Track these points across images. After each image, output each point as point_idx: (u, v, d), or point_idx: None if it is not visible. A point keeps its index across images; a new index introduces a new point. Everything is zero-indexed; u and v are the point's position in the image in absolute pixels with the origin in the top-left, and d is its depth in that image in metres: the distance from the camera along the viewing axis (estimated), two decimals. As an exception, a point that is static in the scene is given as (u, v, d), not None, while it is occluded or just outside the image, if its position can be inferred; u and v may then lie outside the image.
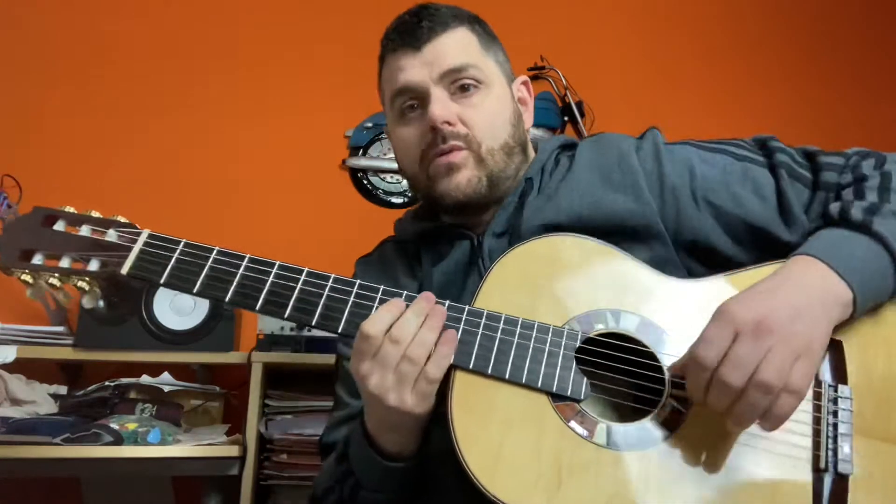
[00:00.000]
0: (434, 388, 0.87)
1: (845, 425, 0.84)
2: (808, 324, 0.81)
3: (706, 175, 1.02)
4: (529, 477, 0.82)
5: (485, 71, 1.06)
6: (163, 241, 0.95)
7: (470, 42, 1.07)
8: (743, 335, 0.78)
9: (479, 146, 1.04)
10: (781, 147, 1.04)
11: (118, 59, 2.50)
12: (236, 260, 0.94)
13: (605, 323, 0.90)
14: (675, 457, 0.84)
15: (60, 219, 0.96)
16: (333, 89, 2.56)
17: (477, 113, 1.04)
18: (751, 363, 0.77)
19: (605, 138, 1.10)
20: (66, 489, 2.07)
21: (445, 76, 1.03)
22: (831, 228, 0.92)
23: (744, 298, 0.82)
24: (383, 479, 0.94)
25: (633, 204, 1.00)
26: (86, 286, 0.94)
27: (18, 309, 2.17)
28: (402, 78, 1.05)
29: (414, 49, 1.04)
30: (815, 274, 0.85)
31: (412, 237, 1.14)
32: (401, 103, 1.07)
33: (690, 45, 2.84)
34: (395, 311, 0.87)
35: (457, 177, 1.03)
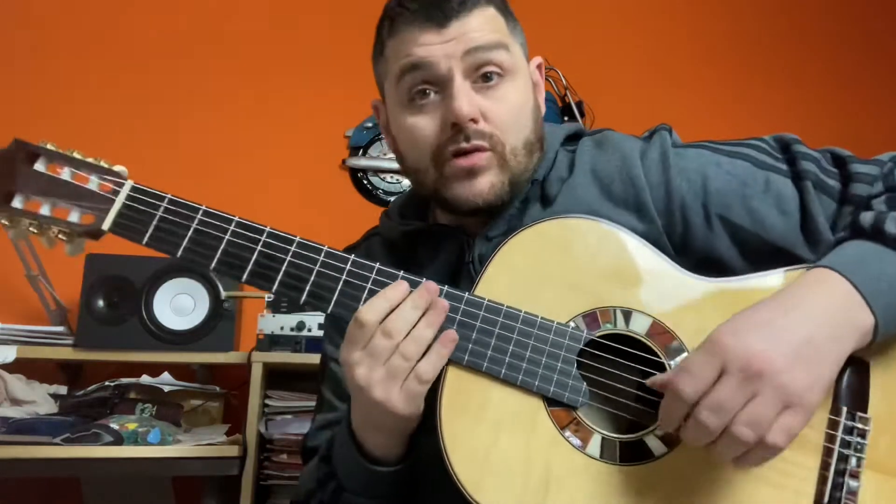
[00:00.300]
0: (424, 388, 0.81)
1: (856, 458, 0.78)
2: (811, 366, 0.72)
3: (722, 188, 0.91)
4: (516, 485, 0.78)
5: (513, 55, 0.94)
6: (147, 196, 0.88)
7: (498, 22, 0.94)
8: (728, 375, 0.70)
9: (504, 147, 0.92)
10: (807, 152, 0.93)
11: (116, 59, 2.50)
12: (223, 223, 0.87)
13: (613, 322, 0.84)
14: (670, 476, 0.79)
15: (41, 156, 0.89)
16: (333, 89, 2.56)
17: (502, 108, 0.92)
18: (730, 409, 0.69)
19: (608, 140, 0.99)
20: (66, 489, 2.07)
21: (470, 55, 0.90)
22: (860, 241, 0.82)
23: (741, 327, 0.73)
24: (366, 483, 0.90)
25: (636, 222, 0.91)
26: (65, 237, 0.89)
27: (18, 309, 2.18)
28: (419, 52, 0.90)
29: (438, 25, 0.90)
30: (835, 294, 0.76)
31: (399, 237, 1.03)
32: (411, 83, 0.92)
33: (691, 45, 2.84)
34: (393, 299, 0.82)
35: (479, 182, 0.92)
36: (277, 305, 2.04)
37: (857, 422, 0.79)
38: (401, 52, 0.92)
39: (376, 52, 0.99)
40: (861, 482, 0.77)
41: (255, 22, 2.61)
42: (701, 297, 0.84)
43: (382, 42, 0.96)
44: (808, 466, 0.78)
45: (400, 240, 1.03)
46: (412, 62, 0.91)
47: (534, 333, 0.83)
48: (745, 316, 0.74)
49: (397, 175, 2.56)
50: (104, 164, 0.90)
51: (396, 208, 1.08)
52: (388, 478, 0.88)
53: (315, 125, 2.54)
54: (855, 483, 0.77)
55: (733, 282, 0.85)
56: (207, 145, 2.47)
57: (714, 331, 0.73)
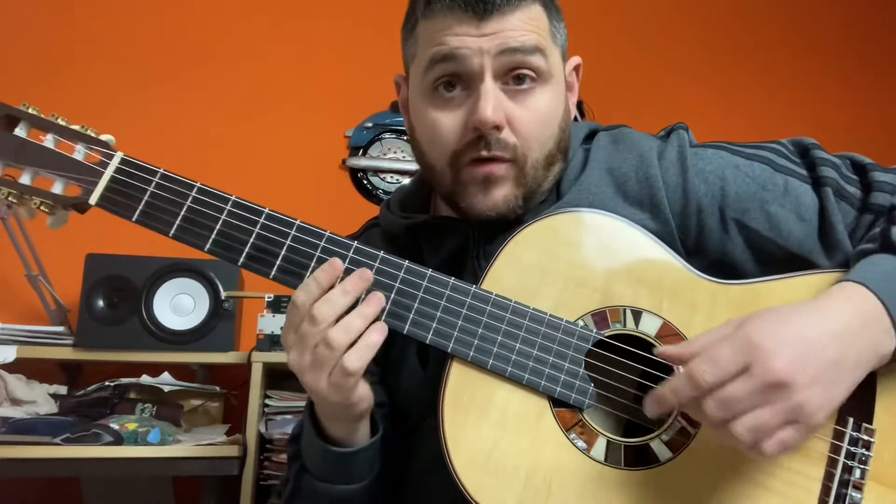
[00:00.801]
0: (351, 380, 0.78)
1: (860, 469, 0.77)
2: (830, 388, 0.71)
3: (740, 192, 0.89)
4: (517, 486, 0.77)
5: (550, 59, 0.89)
6: (137, 170, 0.83)
7: (541, 22, 0.88)
8: (750, 376, 0.68)
9: (525, 160, 0.88)
10: (826, 158, 0.90)
11: (114, 58, 2.49)
12: (219, 202, 0.83)
13: (622, 322, 0.82)
14: (675, 483, 0.78)
15: (23, 121, 0.84)
16: (333, 89, 2.56)
17: (530, 117, 0.88)
18: (739, 410, 0.68)
19: (625, 137, 0.96)
20: (66, 489, 2.07)
21: (504, 55, 0.85)
22: (891, 256, 0.79)
23: (779, 335, 0.70)
24: (322, 463, 0.87)
25: (650, 222, 0.89)
26: (47, 209, 0.84)
27: (18, 309, 2.18)
28: (452, 43, 0.85)
29: (477, 16, 0.85)
30: (868, 318, 0.74)
31: (401, 230, 1.00)
32: (439, 72, 0.87)
33: (692, 46, 2.84)
34: (323, 283, 0.79)
35: (494, 193, 0.88)
36: (277, 305, 2.04)
37: (863, 433, 0.78)
38: (433, 39, 0.87)
39: (406, 27, 0.94)
40: (864, 494, 0.76)
41: (255, 22, 2.61)
42: (712, 299, 0.83)
43: (415, 20, 0.91)
44: (812, 476, 0.78)
45: (401, 233, 1.00)
46: (443, 53, 0.86)
47: (541, 331, 0.81)
48: (781, 321, 0.72)
49: (397, 175, 2.56)
50: (91, 133, 0.85)
51: (398, 201, 1.06)
52: (342, 459, 0.87)
53: (315, 125, 2.54)
54: (858, 494, 0.76)
55: (745, 285, 0.84)
56: (207, 145, 2.46)
57: (749, 325, 0.71)
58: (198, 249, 0.83)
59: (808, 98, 2.81)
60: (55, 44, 2.44)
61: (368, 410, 0.86)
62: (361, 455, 0.88)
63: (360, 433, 0.88)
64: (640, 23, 2.84)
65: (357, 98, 2.54)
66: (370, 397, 0.85)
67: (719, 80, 2.80)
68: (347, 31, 2.57)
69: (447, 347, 0.81)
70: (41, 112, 0.85)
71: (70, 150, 0.84)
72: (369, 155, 2.57)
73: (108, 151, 0.84)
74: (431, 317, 0.82)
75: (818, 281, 0.83)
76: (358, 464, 0.88)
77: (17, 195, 0.83)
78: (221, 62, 2.55)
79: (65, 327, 2.03)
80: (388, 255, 0.83)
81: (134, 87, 2.46)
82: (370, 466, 0.90)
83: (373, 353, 0.79)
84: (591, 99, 2.56)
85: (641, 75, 2.76)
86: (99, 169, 0.83)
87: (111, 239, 2.03)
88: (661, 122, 1.07)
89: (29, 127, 0.85)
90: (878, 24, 2.94)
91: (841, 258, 0.86)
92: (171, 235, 0.82)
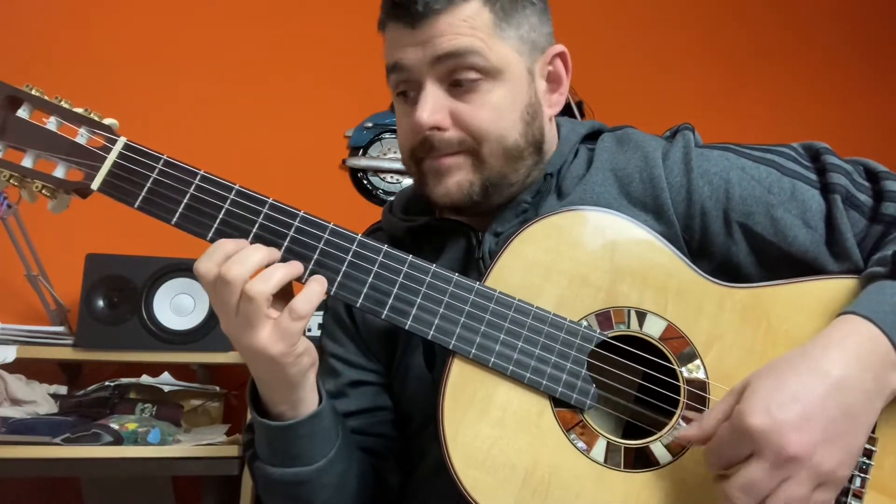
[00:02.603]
0: (299, 325, 0.77)
1: (860, 478, 0.76)
2: (846, 440, 0.70)
3: (745, 195, 0.88)
4: (516, 486, 0.77)
5: (493, 57, 0.88)
6: (140, 155, 0.83)
7: (479, 19, 0.88)
8: (761, 458, 0.68)
9: (479, 148, 0.89)
10: (837, 164, 0.89)
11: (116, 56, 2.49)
12: (223, 191, 0.83)
13: (626, 323, 0.82)
14: (674, 486, 0.77)
15: (26, 102, 0.83)
16: (333, 89, 2.56)
17: (478, 112, 0.88)
18: (763, 491, 0.68)
19: (630, 138, 0.95)
20: (66, 489, 2.07)
21: (440, 62, 0.87)
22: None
23: (773, 403, 0.68)
24: (267, 444, 0.86)
25: (654, 223, 0.88)
26: (49, 193, 0.83)
27: (18, 309, 2.17)
28: (396, 55, 0.90)
29: (408, 25, 0.87)
30: (873, 355, 0.72)
31: (403, 233, 1.01)
32: (395, 81, 0.92)
33: (692, 47, 2.84)
34: (230, 246, 0.78)
35: (447, 181, 0.90)
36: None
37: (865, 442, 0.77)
38: (386, 50, 0.92)
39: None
40: (864, 503, 0.76)
41: (255, 22, 2.60)
42: (717, 303, 0.82)
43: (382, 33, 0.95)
44: None
45: (404, 236, 1.00)
46: (391, 64, 0.91)
47: (544, 330, 0.81)
48: (777, 387, 0.70)
49: (397, 175, 2.56)
50: (94, 117, 0.84)
51: (400, 204, 1.06)
52: (282, 433, 0.85)
53: (315, 125, 2.54)
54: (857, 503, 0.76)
55: (751, 289, 0.83)
56: (207, 144, 2.46)
57: (745, 403, 0.70)
58: (200, 238, 0.82)
59: (810, 99, 2.81)
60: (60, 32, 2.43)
61: (310, 370, 0.83)
62: (301, 429, 0.84)
63: (305, 406, 0.85)
64: (641, 23, 2.84)
65: (357, 98, 2.54)
66: (313, 350, 0.83)
67: (720, 81, 2.80)
68: (347, 31, 2.56)
69: (449, 344, 0.81)
70: (45, 94, 0.84)
71: (73, 133, 0.83)
72: (369, 155, 2.57)
73: (111, 136, 0.83)
74: (434, 313, 0.82)
75: (825, 286, 0.83)
76: (299, 439, 0.85)
77: (18, 178, 0.83)
78: (221, 62, 2.54)
79: (65, 327, 2.03)
80: (391, 250, 0.83)
81: (134, 87, 2.46)
82: (319, 446, 0.86)
83: (317, 299, 0.78)
84: (591, 99, 2.56)
85: (641, 75, 2.76)
86: (102, 154, 0.82)
87: (111, 239, 2.03)
88: (660, 122, 1.06)
89: (32, 109, 0.84)
90: (881, 25, 2.94)
91: (849, 266, 0.84)
92: (174, 223, 0.82)
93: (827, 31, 2.90)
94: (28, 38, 2.40)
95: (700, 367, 0.81)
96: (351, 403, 1.00)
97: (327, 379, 1.02)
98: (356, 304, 0.82)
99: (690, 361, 0.81)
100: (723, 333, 0.81)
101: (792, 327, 0.81)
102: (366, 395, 1.00)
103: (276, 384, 0.83)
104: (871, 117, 2.79)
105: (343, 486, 0.90)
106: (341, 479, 0.89)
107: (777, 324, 0.81)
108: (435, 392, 0.81)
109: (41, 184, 0.82)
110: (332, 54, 2.60)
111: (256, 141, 2.50)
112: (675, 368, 0.81)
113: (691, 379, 0.81)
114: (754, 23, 2.88)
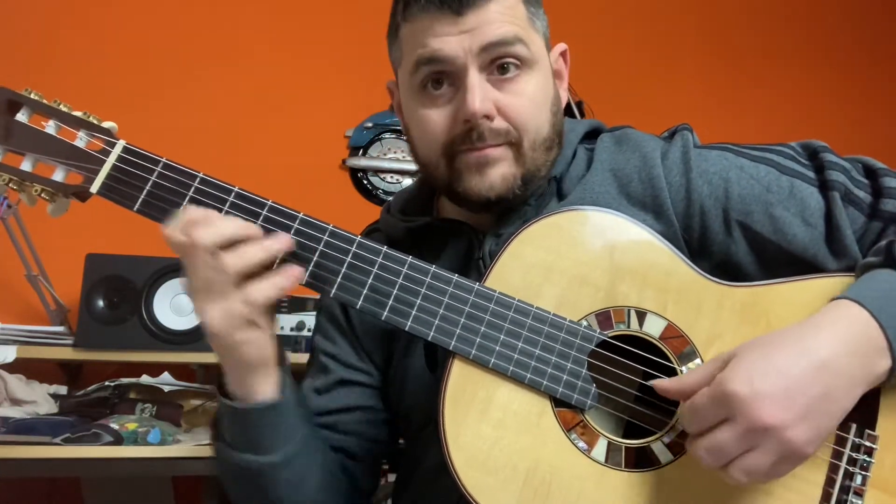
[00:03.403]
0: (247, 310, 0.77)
1: (861, 475, 0.76)
2: (820, 420, 0.70)
3: (744, 194, 0.88)
4: (517, 486, 0.77)
5: (531, 47, 0.88)
6: (139, 158, 0.82)
7: (518, 10, 0.88)
8: (734, 424, 0.69)
9: (521, 141, 0.88)
10: (836, 161, 0.89)
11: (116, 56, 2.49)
12: (222, 193, 0.82)
13: (626, 323, 0.81)
14: (674, 485, 0.77)
15: (25, 106, 0.83)
16: (333, 89, 2.56)
17: (520, 102, 0.87)
18: (728, 455, 0.70)
19: (629, 138, 0.95)
20: (66, 489, 2.07)
21: (487, 51, 0.85)
22: (893, 271, 0.78)
23: (757, 375, 0.69)
24: (228, 425, 0.85)
25: (654, 223, 0.88)
26: (48, 196, 0.83)
27: (18, 309, 2.17)
28: (434, 45, 0.85)
29: (453, 13, 0.84)
30: (861, 339, 0.72)
31: (403, 234, 1.00)
32: (425, 74, 0.88)
33: (692, 46, 2.84)
34: (196, 213, 0.78)
35: (491, 174, 0.88)
36: (277, 306, 2.04)
37: (865, 439, 0.77)
38: (416, 42, 0.88)
39: (391, 32, 0.94)
40: (865, 500, 0.76)
41: (254, 22, 2.61)
42: (717, 302, 0.82)
43: (397, 24, 0.91)
44: (813, 481, 0.77)
45: (403, 237, 1.00)
46: (427, 55, 0.86)
47: (544, 331, 0.81)
48: (764, 357, 0.71)
49: (397, 175, 2.56)
50: (93, 120, 0.84)
51: (398, 205, 1.05)
52: (240, 416, 0.83)
53: (315, 125, 2.54)
54: (859, 501, 0.76)
55: (751, 288, 0.83)
56: (207, 144, 2.46)
57: (729, 371, 0.70)
58: None
59: (810, 98, 2.82)
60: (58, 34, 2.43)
61: (259, 366, 0.82)
62: (256, 415, 0.83)
63: (258, 395, 0.83)
64: (641, 23, 2.84)
65: (357, 98, 2.54)
66: (267, 346, 0.82)
67: (719, 80, 2.81)
68: (348, 31, 2.57)
69: (449, 345, 0.81)
70: (43, 97, 0.84)
71: (72, 136, 0.83)
72: (369, 155, 2.57)
73: (110, 139, 0.83)
74: (434, 314, 0.82)
75: (824, 284, 0.83)
76: (255, 427, 0.84)
77: (17, 181, 0.83)
78: (222, 62, 2.54)
79: (65, 327, 2.03)
80: (391, 251, 0.83)
81: (134, 87, 2.46)
82: (275, 439, 0.85)
83: (276, 292, 0.78)
84: (591, 99, 2.56)
85: (641, 75, 2.77)
86: (101, 157, 0.83)
87: (111, 239, 2.03)
88: (660, 121, 1.06)
89: (31, 112, 0.84)
90: (881, 25, 2.94)
91: (849, 263, 0.85)
92: None
93: (826, 31, 2.90)
94: (27, 42, 2.40)
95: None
96: (336, 401, 0.99)
97: (318, 376, 1.02)
98: (356, 306, 0.82)
99: (691, 360, 0.81)
100: (722, 332, 0.81)
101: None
102: (353, 394, 1.00)
103: (226, 362, 0.82)
104: (871, 117, 2.79)
105: (302, 484, 0.89)
106: (301, 477, 0.88)
107: (777, 322, 0.81)
108: (435, 393, 0.80)
109: (40, 187, 0.83)
110: (332, 54, 2.60)
111: (256, 141, 2.50)
112: (675, 368, 0.81)
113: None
114: (755, 23, 2.88)
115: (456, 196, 0.92)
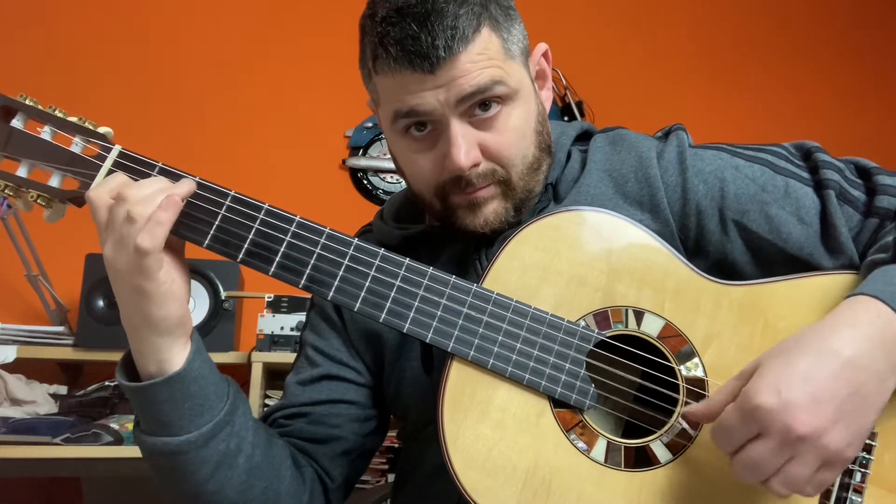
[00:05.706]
0: (147, 260, 0.75)
1: (861, 472, 0.76)
2: (856, 419, 0.68)
3: (739, 193, 0.88)
4: (517, 487, 0.77)
5: (510, 81, 0.86)
6: (135, 163, 0.82)
7: (492, 47, 0.85)
8: (768, 438, 0.67)
9: (509, 177, 0.88)
10: (829, 161, 0.89)
11: (115, 56, 2.49)
12: (219, 197, 0.82)
13: (624, 323, 0.81)
14: (675, 485, 0.77)
15: (20, 112, 0.82)
16: (333, 89, 2.56)
17: (503, 139, 0.86)
18: (767, 470, 0.68)
19: (624, 139, 0.95)
20: (66, 489, 2.07)
21: (464, 101, 0.83)
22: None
23: (783, 384, 0.67)
24: (136, 408, 0.81)
25: (650, 222, 0.88)
26: (44, 202, 0.83)
27: (18, 309, 2.18)
28: (410, 101, 0.84)
29: (425, 73, 0.82)
30: (883, 333, 0.71)
31: (397, 241, 0.98)
32: (405, 124, 0.87)
33: (691, 45, 2.84)
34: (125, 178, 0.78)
35: (484, 211, 0.88)
36: (278, 305, 2.04)
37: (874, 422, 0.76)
38: (391, 95, 0.86)
39: (363, 70, 0.92)
40: (864, 497, 0.76)
41: (254, 22, 2.61)
42: (715, 301, 0.82)
43: (368, 70, 0.89)
44: None
45: (398, 244, 0.98)
46: (405, 110, 0.85)
47: (542, 331, 0.80)
48: (788, 364, 0.69)
49: (397, 175, 2.56)
50: (89, 126, 0.83)
51: (391, 211, 1.05)
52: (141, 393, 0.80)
53: (315, 125, 2.54)
54: (858, 498, 0.76)
55: (748, 286, 0.83)
56: (207, 145, 2.46)
57: (754, 383, 0.69)
58: (196, 245, 0.82)
59: (807, 99, 2.82)
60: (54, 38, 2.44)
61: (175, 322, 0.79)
62: (157, 389, 0.79)
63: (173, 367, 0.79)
64: (640, 23, 2.84)
65: (357, 98, 2.50)
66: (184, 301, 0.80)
67: (718, 81, 2.81)
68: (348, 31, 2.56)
69: (447, 346, 0.80)
70: (39, 103, 0.84)
71: (67, 142, 0.83)
72: (369, 155, 2.57)
73: (106, 144, 0.83)
74: (432, 315, 0.81)
75: (821, 283, 0.83)
76: (160, 404, 0.79)
77: (13, 188, 0.82)
78: (222, 62, 2.55)
79: (65, 327, 2.03)
80: (388, 253, 0.83)
81: (134, 87, 2.46)
82: (188, 415, 0.81)
83: (164, 230, 0.76)
84: (591, 99, 2.57)
85: (641, 75, 2.77)
86: (96, 162, 0.82)
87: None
88: (659, 122, 1.06)
89: (26, 118, 0.83)
90: (878, 26, 2.94)
91: (845, 261, 0.85)
92: (170, 232, 0.80)
93: (820, 34, 2.90)
94: (22, 48, 2.40)
95: (699, 365, 0.81)
96: (321, 392, 0.98)
97: (303, 370, 1.00)
98: (354, 308, 0.82)
99: (689, 360, 0.80)
100: (720, 331, 0.81)
101: (789, 324, 0.81)
102: (337, 388, 0.98)
103: (139, 325, 0.79)
104: (864, 119, 2.79)
105: (228, 465, 0.84)
106: (224, 457, 0.84)
107: (774, 320, 0.81)
108: (434, 394, 0.80)
109: (36, 193, 0.82)
110: (332, 54, 2.60)
111: (256, 141, 2.50)
112: (673, 367, 0.80)
113: (690, 377, 0.80)
114: (751, 25, 2.88)
115: (452, 227, 0.91)
